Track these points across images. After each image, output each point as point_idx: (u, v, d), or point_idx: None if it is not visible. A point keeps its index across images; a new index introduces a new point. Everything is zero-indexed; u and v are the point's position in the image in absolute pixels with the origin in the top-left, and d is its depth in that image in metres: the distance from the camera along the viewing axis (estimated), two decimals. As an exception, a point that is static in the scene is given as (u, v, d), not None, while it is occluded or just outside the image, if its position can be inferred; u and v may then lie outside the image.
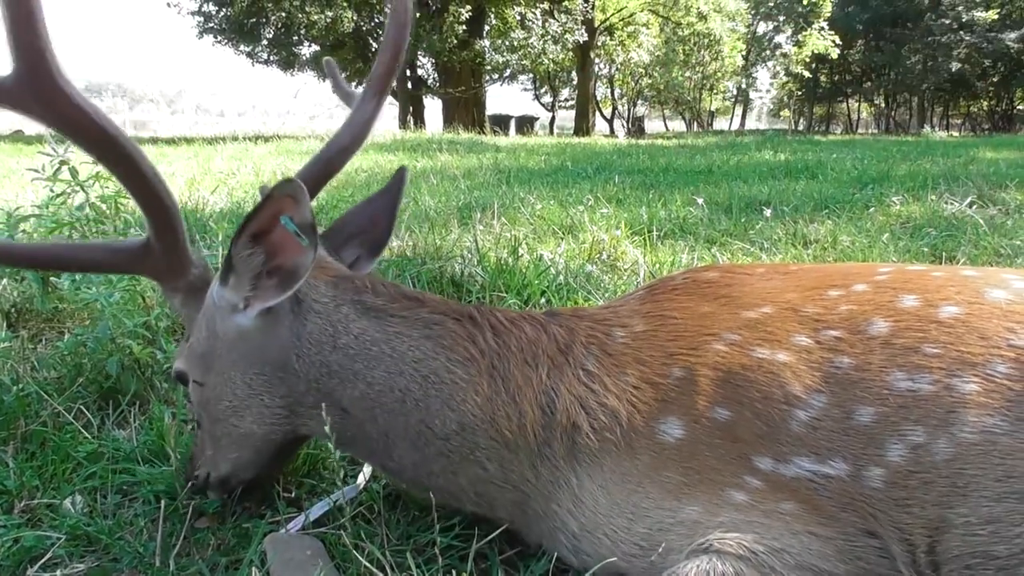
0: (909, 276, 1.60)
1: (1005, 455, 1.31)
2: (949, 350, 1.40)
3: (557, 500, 1.59)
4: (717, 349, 1.54)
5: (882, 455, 1.37)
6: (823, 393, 1.43)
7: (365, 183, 8.47)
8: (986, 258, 4.26)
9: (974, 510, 1.32)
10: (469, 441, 1.61)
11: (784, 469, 1.42)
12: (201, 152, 13.74)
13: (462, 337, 1.66)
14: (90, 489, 1.95)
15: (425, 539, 1.73)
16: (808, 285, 1.62)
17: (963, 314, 1.44)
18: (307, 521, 1.78)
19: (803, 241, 4.86)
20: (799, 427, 1.42)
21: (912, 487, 1.35)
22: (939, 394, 1.37)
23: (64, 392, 2.35)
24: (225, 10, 30.45)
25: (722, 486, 1.44)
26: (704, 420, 1.48)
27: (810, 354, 1.48)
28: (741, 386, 1.48)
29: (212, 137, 20.37)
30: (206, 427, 1.77)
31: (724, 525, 1.41)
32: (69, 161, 3.02)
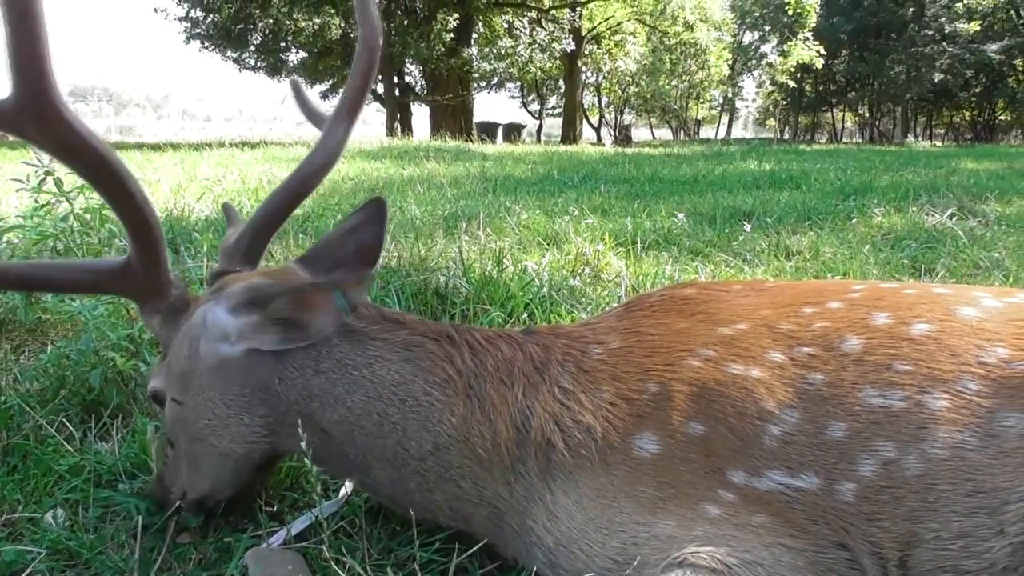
0: (882, 294, 1.63)
1: (974, 471, 1.34)
2: (920, 367, 1.43)
3: (532, 516, 1.61)
4: (692, 365, 1.56)
5: (854, 470, 1.40)
6: (796, 409, 1.46)
7: (352, 191, 8.47)
8: (965, 270, 4.31)
9: (944, 525, 1.35)
10: (444, 460, 1.64)
11: (757, 483, 1.44)
12: (187, 158, 13.68)
13: (440, 358, 1.69)
14: (72, 503, 1.95)
15: (406, 553, 1.74)
16: (783, 302, 1.66)
17: (934, 331, 1.47)
18: (289, 535, 1.78)
19: (785, 253, 4.91)
20: (772, 442, 1.45)
21: (883, 502, 1.38)
22: (910, 410, 1.40)
23: (47, 405, 2.35)
24: (212, 16, 30.40)
25: (696, 500, 1.46)
26: (679, 435, 1.50)
27: (784, 370, 1.51)
28: (715, 401, 1.51)
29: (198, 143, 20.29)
30: (182, 447, 1.77)
31: (698, 539, 1.43)
32: (54, 172, 3.02)
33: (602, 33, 39.66)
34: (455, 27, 29.94)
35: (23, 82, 1.39)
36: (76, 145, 1.49)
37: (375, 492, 1.77)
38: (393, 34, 29.30)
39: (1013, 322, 1.47)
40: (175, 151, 15.86)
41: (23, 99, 1.41)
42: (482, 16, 32.18)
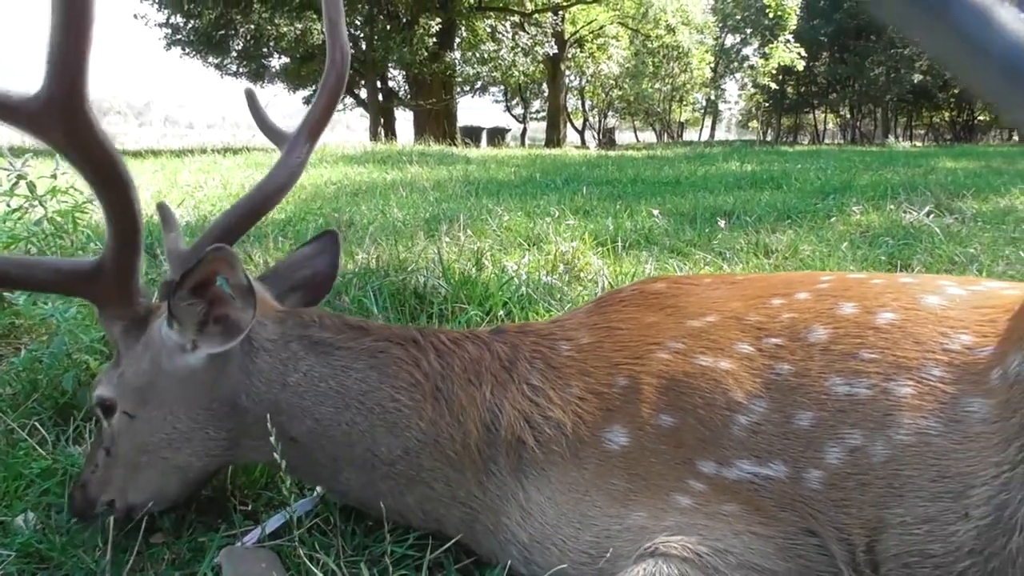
0: (849, 284, 1.65)
1: (939, 456, 1.35)
2: (886, 355, 1.45)
3: (506, 513, 1.61)
4: (661, 358, 1.58)
5: (820, 457, 1.41)
6: (764, 399, 1.47)
7: (334, 195, 8.46)
8: (941, 266, 4.35)
9: (910, 510, 1.36)
10: (414, 464, 1.65)
11: (726, 472, 1.45)
12: (168, 165, 13.61)
13: (406, 362, 1.69)
14: (44, 506, 1.94)
15: (380, 550, 1.73)
16: (752, 294, 1.67)
17: (899, 320, 1.49)
18: (263, 534, 1.78)
19: (764, 251, 4.93)
20: (740, 431, 1.46)
21: (849, 488, 1.39)
22: (876, 398, 1.41)
23: (19, 408, 2.33)
24: (193, 22, 30.26)
25: (667, 491, 1.47)
26: (648, 427, 1.51)
27: (752, 361, 1.52)
28: (684, 393, 1.52)
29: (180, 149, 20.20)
30: (123, 456, 1.73)
31: (669, 529, 1.44)
32: (26, 175, 3.00)
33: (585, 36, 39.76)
34: (438, 32, 29.95)
35: (61, 82, 1.37)
36: (96, 152, 1.48)
37: (345, 496, 1.78)
38: (376, 39, 29.30)
39: (976, 309, 1.49)
40: (156, 158, 15.79)
41: (56, 100, 1.38)
42: (465, 20, 32.20)
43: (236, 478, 1.98)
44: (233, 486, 1.96)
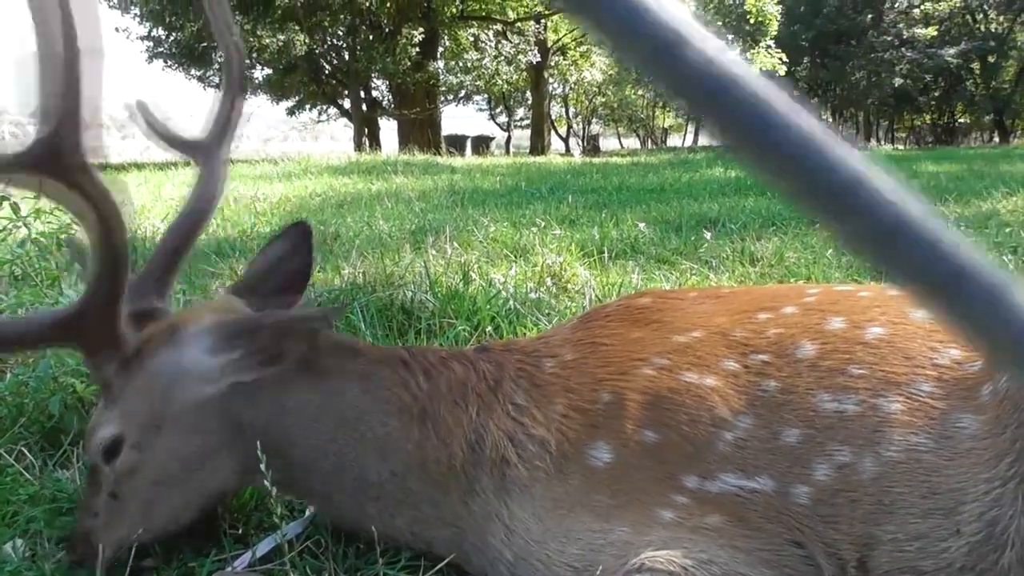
0: (836, 297, 1.65)
1: (929, 472, 1.36)
2: (874, 371, 1.45)
3: (491, 532, 1.61)
4: (646, 374, 1.58)
5: (808, 474, 1.42)
6: (749, 415, 1.48)
7: (319, 207, 8.44)
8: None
9: (901, 527, 1.37)
10: (402, 487, 1.66)
11: (710, 485, 1.46)
12: (152, 178, 13.54)
13: (396, 384, 1.70)
14: (32, 533, 1.92)
15: (371, 572, 1.73)
16: (738, 308, 1.67)
17: (888, 335, 1.49)
18: (254, 558, 1.77)
19: (750, 259, 4.95)
20: (726, 447, 1.47)
21: (839, 505, 1.40)
22: (865, 414, 1.41)
23: (5, 433, 2.31)
24: (175, 35, 30.16)
25: (650, 506, 1.48)
26: (632, 443, 1.52)
27: (737, 378, 1.53)
28: (669, 409, 1.52)
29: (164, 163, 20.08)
30: (135, 493, 1.68)
31: (653, 543, 1.45)
32: (9, 197, 2.98)
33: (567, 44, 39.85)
34: (421, 41, 29.95)
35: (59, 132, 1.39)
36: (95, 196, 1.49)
37: (338, 520, 1.80)
38: (358, 49, 29.29)
39: None
40: (140, 171, 15.71)
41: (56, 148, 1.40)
42: (447, 30, 32.25)
43: (226, 502, 1.97)
44: (223, 509, 1.94)
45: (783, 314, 1.62)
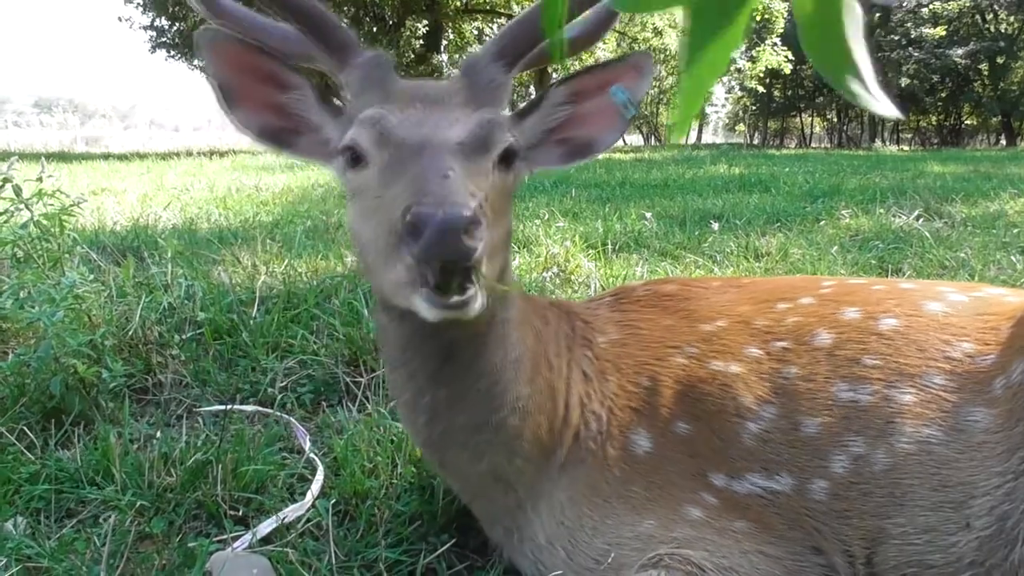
0: (851, 289, 1.65)
1: (940, 465, 1.34)
2: (888, 361, 1.44)
3: (539, 509, 1.56)
4: (679, 362, 1.56)
5: (826, 467, 1.40)
6: (773, 404, 1.46)
7: (322, 198, 8.42)
8: (931, 270, 4.36)
9: (911, 520, 1.35)
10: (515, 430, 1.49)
11: (737, 486, 1.44)
12: (155, 168, 13.55)
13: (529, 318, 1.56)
14: (33, 511, 1.92)
15: (372, 555, 1.72)
16: (759, 298, 1.67)
17: (902, 327, 1.48)
18: (254, 539, 1.76)
19: (755, 254, 4.94)
20: (750, 440, 1.45)
21: (852, 498, 1.38)
22: (878, 405, 1.40)
23: (6, 413, 2.31)
24: (178, 24, 30.11)
25: (680, 501, 1.45)
26: (668, 434, 1.50)
27: (760, 364, 1.51)
28: (698, 400, 1.50)
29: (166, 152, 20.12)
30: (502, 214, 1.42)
31: (677, 540, 1.42)
32: (12, 179, 2.97)
33: (572, 40, 39.82)
34: (424, 34, 29.91)
35: None
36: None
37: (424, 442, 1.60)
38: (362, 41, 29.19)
39: (978, 316, 1.48)
40: (142, 161, 15.71)
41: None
42: (451, 23, 32.19)
43: (227, 483, 1.96)
44: (224, 491, 1.94)
45: (801, 304, 1.61)
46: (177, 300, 3.18)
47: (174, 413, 2.50)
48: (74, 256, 3.69)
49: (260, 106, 1.54)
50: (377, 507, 1.89)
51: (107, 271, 3.64)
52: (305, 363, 2.77)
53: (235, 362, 2.82)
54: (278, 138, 1.55)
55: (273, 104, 1.55)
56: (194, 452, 2.07)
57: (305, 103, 1.55)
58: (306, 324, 3.07)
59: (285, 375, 2.68)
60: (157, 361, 2.74)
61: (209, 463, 2.02)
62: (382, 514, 1.86)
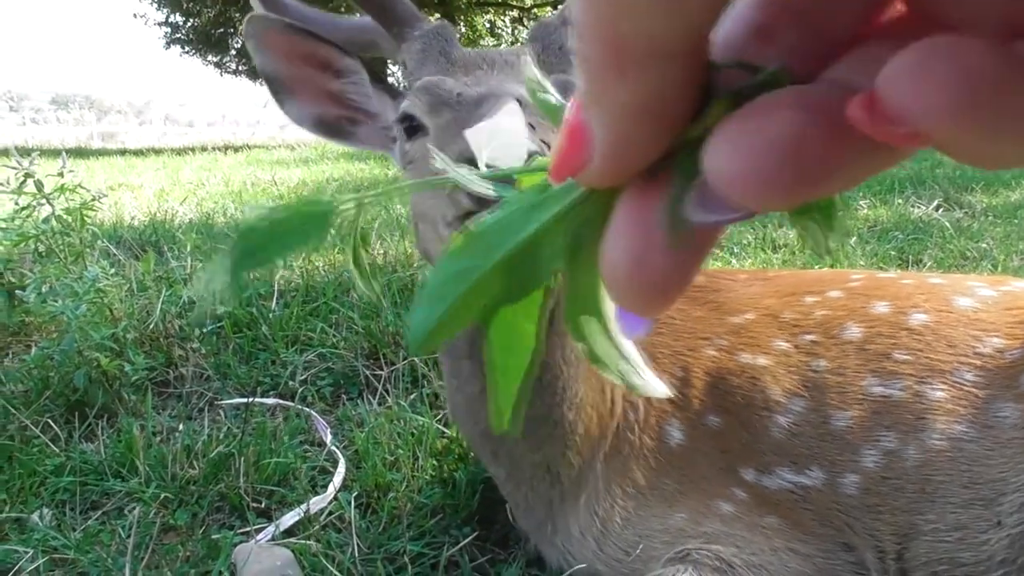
0: (880, 283, 1.62)
1: (971, 462, 1.33)
2: (919, 357, 1.43)
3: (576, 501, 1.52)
4: (709, 354, 1.54)
5: (857, 461, 1.39)
6: (802, 397, 1.45)
7: (336, 192, 8.42)
8: (952, 261, 4.33)
9: (942, 516, 1.34)
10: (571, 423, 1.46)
11: (767, 481, 1.42)
12: (170, 163, 13.61)
13: None
14: (58, 503, 1.94)
15: (396, 547, 1.73)
16: (786, 291, 1.65)
17: (932, 322, 1.47)
18: (277, 531, 1.77)
19: (772, 245, 4.91)
20: (780, 434, 1.43)
21: (883, 493, 1.37)
22: (910, 400, 1.39)
23: (31, 406, 2.33)
24: (192, 20, 30.20)
25: (711, 496, 1.44)
26: (700, 426, 1.48)
27: (789, 357, 1.50)
28: (727, 392, 1.49)
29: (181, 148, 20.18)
30: None
31: (707, 535, 1.41)
32: (34, 174, 2.98)
33: (585, 32, 39.74)
34: (438, 28, 29.89)
35: None
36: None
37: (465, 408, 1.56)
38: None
39: (1007, 311, 1.47)
40: (158, 156, 15.79)
41: None
42: (463, 16, 32.14)
43: (249, 476, 1.98)
44: (247, 483, 1.95)
45: (829, 297, 1.59)
46: (197, 294, 3.19)
47: (196, 406, 2.51)
48: (95, 250, 3.72)
49: (314, 96, 1.50)
50: (399, 500, 1.89)
51: (127, 265, 3.67)
52: (325, 356, 2.78)
53: (255, 355, 2.83)
54: (335, 129, 1.52)
55: (328, 92, 1.51)
56: (216, 445, 2.09)
57: (361, 88, 1.51)
58: (325, 317, 3.08)
59: (305, 368, 2.69)
60: (178, 354, 2.76)
61: (231, 456, 2.03)
62: (404, 507, 1.87)
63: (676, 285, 0.32)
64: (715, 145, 0.28)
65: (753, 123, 0.27)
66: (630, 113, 0.29)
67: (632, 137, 0.30)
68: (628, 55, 0.27)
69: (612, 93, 0.29)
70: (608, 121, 0.30)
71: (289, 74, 1.47)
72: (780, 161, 0.27)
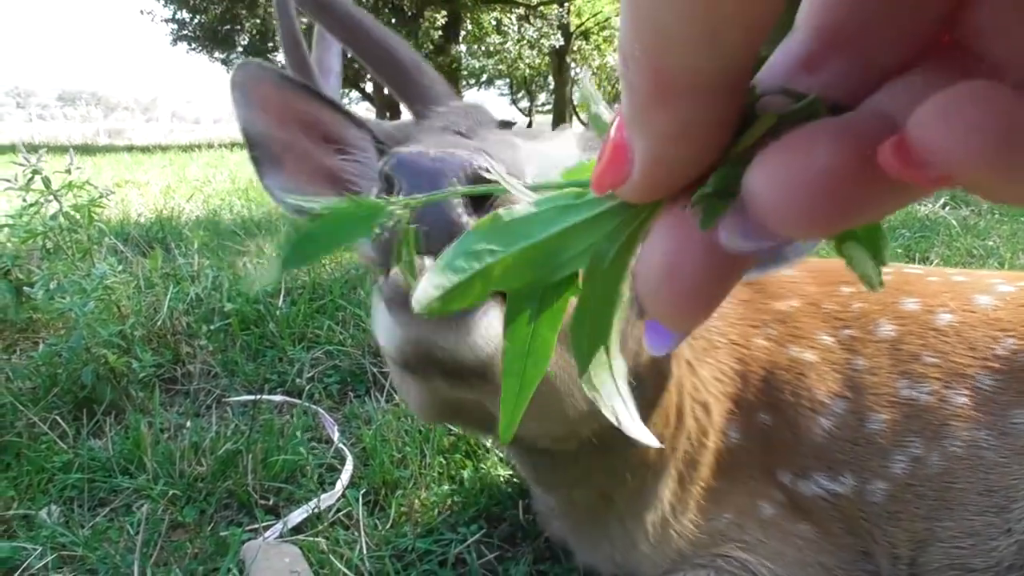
0: (908, 278, 1.57)
1: (988, 469, 1.31)
2: (945, 360, 1.39)
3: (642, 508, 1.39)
4: (761, 344, 1.47)
5: (887, 467, 1.35)
6: (844, 399, 1.40)
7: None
8: (959, 259, 4.31)
9: (959, 523, 1.32)
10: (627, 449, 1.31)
11: (803, 486, 1.38)
12: (177, 160, 13.64)
13: None
14: (66, 499, 1.94)
15: (403, 544, 1.73)
16: (823, 279, 1.59)
17: (956, 322, 1.43)
18: (285, 529, 1.78)
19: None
20: (820, 436, 1.38)
21: (907, 500, 1.35)
22: (935, 405, 1.36)
23: (39, 402, 2.33)
24: (199, 17, 30.23)
25: (755, 497, 1.38)
26: (752, 424, 1.41)
27: (832, 353, 1.44)
28: (777, 388, 1.42)
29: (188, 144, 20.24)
30: None
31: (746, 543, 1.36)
32: (42, 171, 2.99)
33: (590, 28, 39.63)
34: (443, 24, 29.88)
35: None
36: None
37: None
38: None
39: (1022, 308, 1.43)
40: (164, 153, 15.82)
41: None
42: (470, 13, 32.13)
43: (257, 472, 1.98)
44: (255, 480, 1.95)
45: (863, 289, 1.54)
46: (204, 291, 3.20)
47: (203, 403, 2.52)
48: (102, 247, 3.72)
49: (305, 171, 1.22)
50: (407, 497, 1.89)
51: (134, 262, 3.67)
52: (331, 353, 2.78)
53: (262, 352, 2.84)
54: None
55: (323, 169, 1.23)
56: (224, 442, 2.09)
57: (365, 168, 1.22)
58: (332, 315, 3.08)
59: (312, 365, 2.70)
60: (186, 351, 2.76)
61: (239, 453, 2.04)
62: (412, 504, 1.87)
63: (710, 299, 0.33)
64: (756, 173, 0.29)
65: (794, 153, 0.28)
66: (670, 137, 0.31)
67: (670, 158, 0.32)
68: (671, 86, 0.29)
69: (654, 119, 0.30)
70: (648, 143, 0.32)
71: (279, 139, 1.19)
72: (819, 192, 0.28)
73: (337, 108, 1.20)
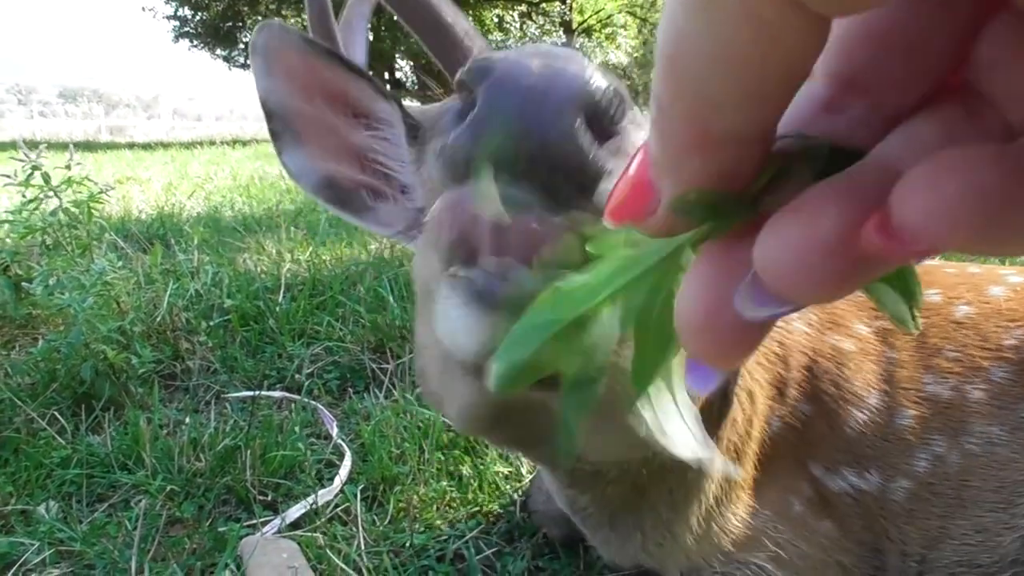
0: (928, 268, 1.54)
1: (1002, 466, 1.29)
2: (964, 354, 1.36)
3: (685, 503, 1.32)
4: (801, 329, 1.40)
5: (911, 465, 1.32)
6: (877, 392, 1.35)
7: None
8: (960, 255, 4.30)
9: (971, 520, 1.30)
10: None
11: (830, 482, 1.33)
12: (178, 157, 13.63)
13: None
14: (64, 495, 1.94)
15: (402, 540, 1.73)
16: None
17: (974, 314, 1.39)
18: (283, 524, 1.77)
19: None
20: (853, 430, 1.33)
21: (925, 499, 1.32)
22: (955, 401, 1.32)
23: (38, 398, 2.33)
24: (201, 14, 30.24)
25: (788, 492, 1.33)
26: (792, 414, 1.35)
27: (868, 344, 1.39)
28: (817, 377, 1.36)
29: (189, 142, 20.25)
30: None
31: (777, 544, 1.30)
32: (41, 166, 2.99)
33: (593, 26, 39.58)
34: (446, 22, 29.83)
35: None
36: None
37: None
38: (383, 29, 29.24)
39: None
40: (166, 150, 15.80)
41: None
42: (472, 10, 32.08)
43: (256, 468, 1.98)
44: (253, 476, 1.95)
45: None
46: (204, 287, 3.20)
47: (202, 399, 2.52)
48: (102, 243, 3.72)
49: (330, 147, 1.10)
50: (405, 493, 1.89)
51: (135, 258, 3.67)
52: (331, 350, 2.78)
53: (262, 348, 2.84)
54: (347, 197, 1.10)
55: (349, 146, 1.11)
56: (223, 437, 2.09)
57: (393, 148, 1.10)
58: (331, 311, 3.08)
59: (311, 361, 2.70)
60: (185, 347, 2.76)
61: (238, 448, 2.04)
62: (410, 500, 1.87)
63: (748, 339, 0.34)
64: (764, 240, 0.30)
65: (801, 218, 0.29)
66: (699, 180, 0.32)
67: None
68: (707, 139, 0.30)
69: (687, 166, 0.31)
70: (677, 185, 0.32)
71: (301, 112, 1.08)
72: (826, 258, 0.28)
73: (367, 78, 1.08)
